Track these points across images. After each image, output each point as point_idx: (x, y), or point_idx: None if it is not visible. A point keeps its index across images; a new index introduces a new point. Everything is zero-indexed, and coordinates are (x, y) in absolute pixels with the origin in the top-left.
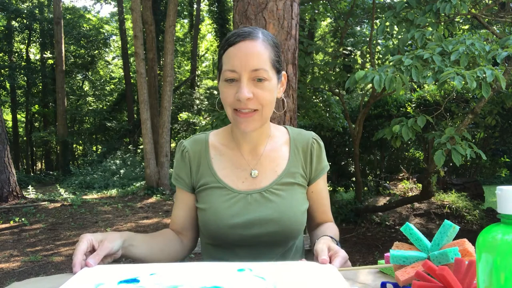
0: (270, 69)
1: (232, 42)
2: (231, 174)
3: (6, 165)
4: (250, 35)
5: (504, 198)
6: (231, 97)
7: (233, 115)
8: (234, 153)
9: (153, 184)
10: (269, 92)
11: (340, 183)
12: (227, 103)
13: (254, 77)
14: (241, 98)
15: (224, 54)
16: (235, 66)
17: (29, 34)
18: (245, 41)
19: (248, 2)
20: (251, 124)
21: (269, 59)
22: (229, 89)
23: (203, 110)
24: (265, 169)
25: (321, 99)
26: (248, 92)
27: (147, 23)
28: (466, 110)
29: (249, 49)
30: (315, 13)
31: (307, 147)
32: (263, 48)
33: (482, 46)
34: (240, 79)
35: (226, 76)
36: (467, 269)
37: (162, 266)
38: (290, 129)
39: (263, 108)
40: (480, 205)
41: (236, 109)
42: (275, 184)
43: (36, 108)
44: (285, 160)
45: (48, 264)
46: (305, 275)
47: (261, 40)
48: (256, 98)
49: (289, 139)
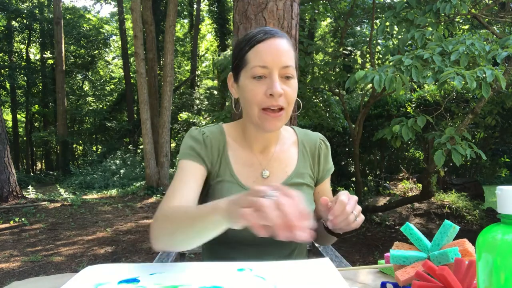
0: (294, 68)
1: (260, 39)
2: (243, 171)
3: (6, 165)
4: (278, 33)
5: (504, 198)
6: (260, 94)
7: (260, 114)
8: (245, 151)
9: (153, 184)
10: (294, 91)
11: (340, 183)
12: (255, 101)
13: (283, 74)
14: (275, 93)
15: (250, 51)
16: (267, 62)
17: (29, 34)
18: (275, 38)
19: (248, 2)
20: (278, 123)
21: (294, 57)
22: (257, 87)
23: (203, 110)
24: (276, 170)
25: (321, 99)
26: (280, 87)
27: (147, 23)
28: (466, 110)
29: (279, 46)
30: (315, 13)
31: (315, 148)
32: (289, 46)
33: (482, 46)
34: (270, 76)
35: (255, 73)
36: (467, 269)
37: (162, 266)
38: (297, 130)
39: (288, 107)
40: (480, 205)
41: (264, 108)
42: (285, 185)
43: (36, 108)
44: (294, 160)
45: (48, 264)
46: (305, 275)
47: (286, 39)
48: (285, 95)
49: (297, 140)
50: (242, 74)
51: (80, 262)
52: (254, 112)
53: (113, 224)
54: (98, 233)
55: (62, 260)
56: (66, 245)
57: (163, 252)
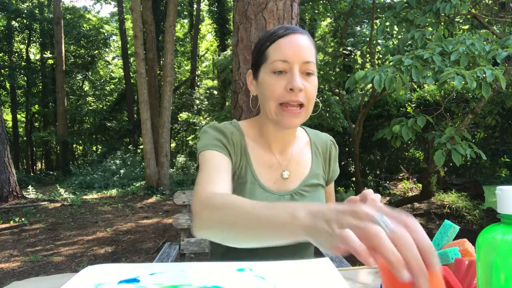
0: (315, 64)
1: (281, 34)
2: (264, 172)
3: (6, 165)
4: (299, 29)
5: (504, 198)
6: (280, 89)
7: (278, 109)
8: (265, 151)
9: (153, 184)
10: (315, 88)
11: (340, 183)
12: (274, 96)
13: (304, 69)
14: (295, 87)
15: (271, 46)
16: (288, 56)
17: (29, 34)
18: (296, 34)
19: (248, 2)
20: (297, 120)
21: (315, 55)
22: (277, 81)
23: (203, 110)
24: (295, 170)
25: (321, 99)
26: (301, 82)
27: (147, 23)
28: (466, 110)
29: (301, 41)
30: (315, 13)
31: (326, 149)
32: (310, 42)
33: (482, 46)
34: (290, 70)
35: (275, 67)
36: (467, 269)
37: (162, 266)
38: (308, 130)
39: (308, 104)
40: (480, 205)
41: (282, 103)
42: (303, 186)
43: (36, 108)
44: (308, 161)
45: (48, 264)
46: (305, 275)
47: (307, 36)
48: (305, 91)
49: (310, 140)
50: (262, 70)
51: (80, 262)
52: (271, 107)
53: (113, 224)
54: (98, 233)
55: (62, 260)
56: (66, 245)
57: (163, 252)
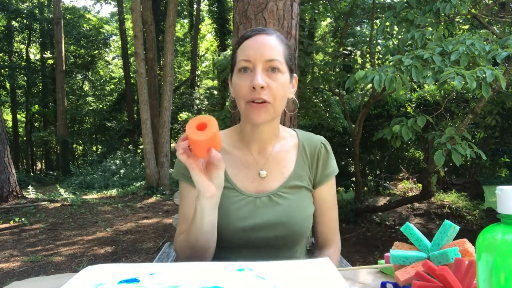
0: (283, 63)
1: (247, 36)
2: (240, 173)
3: (6, 165)
4: (265, 30)
5: (504, 198)
6: (245, 88)
7: (246, 107)
8: (242, 152)
9: (153, 184)
10: (282, 85)
11: (340, 183)
12: (241, 95)
13: (268, 67)
14: (256, 85)
15: (239, 48)
16: (250, 55)
17: (29, 34)
18: (261, 34)
19: (248, 2)
20: (263, 115)
21: (283, 53)
22: (242, 80)
23: (203, 110)
24: (273, 170)
25: (321, 99)
26: (262, 80)
27: (147, 23)
28: (466, 110)
29: (264, 41)
30: (315, 13)
31: (314, 151)
32: (278, 42)
33: (482, 46)
34: (254, 69)
35: (240, 66)
36: (467, 269)
37: (162, 266)
38: (300, 133)
39: (275, 101)
40: (480, 205)
41: (248, 101)
42: (283, 188)
43: (36, 108)
44: (292, 162)
45: (48, 264)
46: (305, 275)
47: (275, 36)
48: (269, 89)
49: (298, 142)
50: (234, 71)
51: (80, 262)
52: (241, 106)
53: (113, 224)
54: (98, 233)
55: (62, 260)
56: (66, 245)
57: (163, 252)
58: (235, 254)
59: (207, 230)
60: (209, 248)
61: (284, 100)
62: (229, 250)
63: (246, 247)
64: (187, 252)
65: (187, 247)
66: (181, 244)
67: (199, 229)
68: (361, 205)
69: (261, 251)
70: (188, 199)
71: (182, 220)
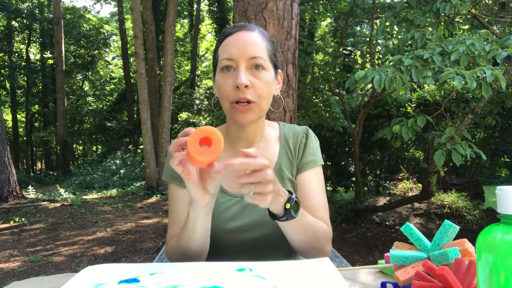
0: (267, 60)
1: (228, 33)
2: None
3: (6, 165)
4: (247, 26)
5: (504, 198)
6: (229, 87)
7: (231, 108)
8: (228, 151)
9: (153, 184)
10: (266, 83)
11: (340, 183)
12: (224, 95)
13: (251, 65)
14: (239, 84)
15: (220, 45)
16: (232, 54)
17: (29, 34)
18: (242, 31)
19: (248, 2)
20: (249, 116)
21: (266, 50)
22: (225, 79)
23: (203, 110)
24: None
25: (321, 99)
26: (246, 78)
27: (147, 23)
28: (466, 110)
29: (246, 37)
30: (315, 13)
31: (296, 140)
32: (260, 38)
33: (482, 46)
34: (237, 67)
35: (222, 64)
36: (467, 269)
37: (162, 266)
38: (282, 125)
39: (260, 100)
40: (480, 205)
41: (233, 101)
42: None
43: (36, 108)
44: (275, 156)
45: (48, 264)
46: (305, 275)
47: (257, 32)
48: (253, 88)
49: (279, 135)
50: (216, 71)
51: (80, 262)
52: (226, 107)
53: (113, 224)
54: (98, 233)
55: (62, 260)
56: (66, 245)
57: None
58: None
59: (199, 237)
60: (201, 255)
61: (269, 98)
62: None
63: (237, 250)
64: (178, 257)
65: (178, 252)
66: (172, 248)
67: (191, 237)
68: (361, 205)
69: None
70: (178, 202)
71: (173, 223)
